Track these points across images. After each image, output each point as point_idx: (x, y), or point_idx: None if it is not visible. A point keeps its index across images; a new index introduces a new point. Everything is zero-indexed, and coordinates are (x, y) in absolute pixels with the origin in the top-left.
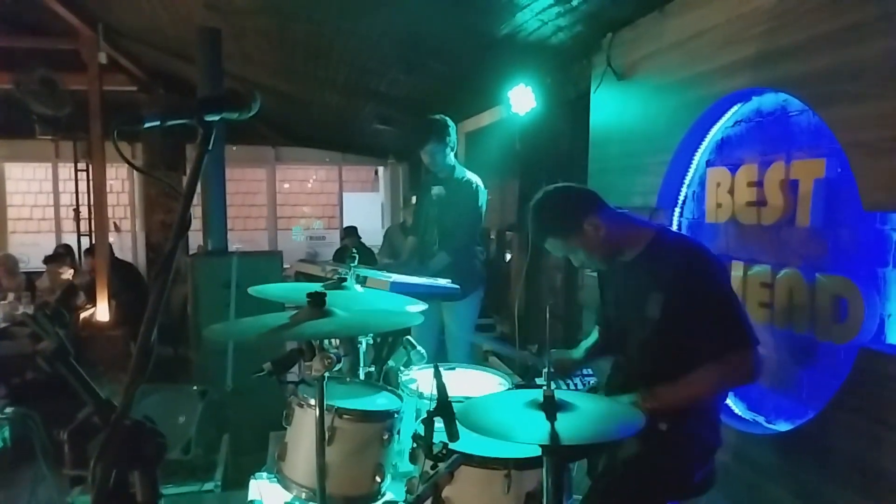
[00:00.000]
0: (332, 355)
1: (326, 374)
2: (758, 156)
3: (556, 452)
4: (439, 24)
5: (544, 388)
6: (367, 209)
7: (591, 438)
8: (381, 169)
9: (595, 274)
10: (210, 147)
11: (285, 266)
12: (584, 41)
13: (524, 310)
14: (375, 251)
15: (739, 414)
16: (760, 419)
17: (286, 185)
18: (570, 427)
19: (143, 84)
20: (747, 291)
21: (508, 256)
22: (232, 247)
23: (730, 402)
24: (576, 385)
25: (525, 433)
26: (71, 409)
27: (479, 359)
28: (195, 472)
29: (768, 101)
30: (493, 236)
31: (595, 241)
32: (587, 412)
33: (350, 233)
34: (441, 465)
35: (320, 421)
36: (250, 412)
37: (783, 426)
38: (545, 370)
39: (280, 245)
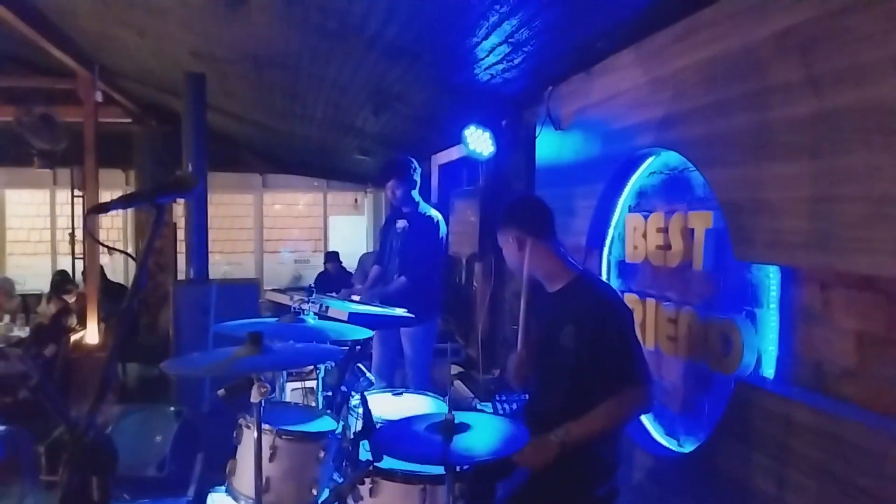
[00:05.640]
0: (266, 385)
1: (262, 401)
2: (665, 205)
3: (453, 470)
4: (401, 73)
5: (446, 413)
6: (353, 232)
7: (479, 457)
8: (359, 196)
9: None
10: (162, 221)
11: (265, 289)
12: (529, 92)
13: (489, 334)
14: None
15: (657, 438)
16: (674, 443)
17: (276, 207)
18: (463, 447)
19: (136, 116)
20: (658, 325)
21: (475, 284)
22: (220, 269)
23: (649, 426)
24: (510, 406)
25: (424, 455)
26: (57, 426)
27: (441, 383)
28: (169, 488)
29: (674, 157)
30: (463, 262)
31: (510, 252)
32: (481, 433)
33: (331, 258)
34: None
35: (258, 441)
36: (223, 432)
37: (689, 448)
38: (446, 397)
39: (266, 268)
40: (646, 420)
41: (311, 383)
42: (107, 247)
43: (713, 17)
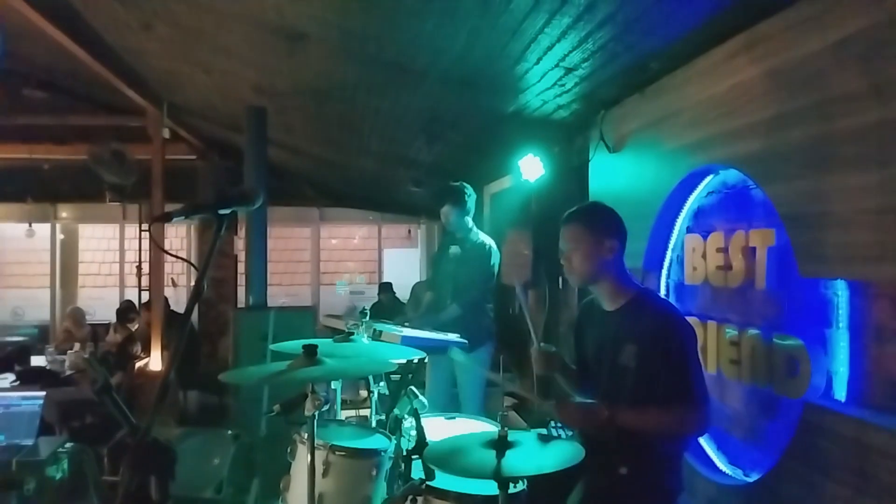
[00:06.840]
0: (321, 397)
1: (317, 414)
2: (724, 224)
3: (506, 486)
4: (454, 102)
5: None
6: (407, 264)
7: (532, 471)
8: (412, 227)
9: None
10: (222, 233)
11: (321, 316)
12: (581, 117)
13: None
14: None
15: (721, 468)
16: (739, 472)
17: (333, 242)
18: (515, 461)
19: (200, 152)
20: (720, 349)
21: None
22: (278, 301)
23: (711, 454)
24: (566, 434)
25: (475, 469)
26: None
27: (494, 409)
28: None
29: (732, 175)
30: (516, 291)
31: (597, 257)
32: (534, 450)
33: (385, 289)
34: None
35: (311, 454)
36: (279, 456)
37: (755, 477)
38: (499, 416)
39: (323, 299)
40: (708, 448)
41: (365, 412)
42: (171, 254)
43: (768, 31)
